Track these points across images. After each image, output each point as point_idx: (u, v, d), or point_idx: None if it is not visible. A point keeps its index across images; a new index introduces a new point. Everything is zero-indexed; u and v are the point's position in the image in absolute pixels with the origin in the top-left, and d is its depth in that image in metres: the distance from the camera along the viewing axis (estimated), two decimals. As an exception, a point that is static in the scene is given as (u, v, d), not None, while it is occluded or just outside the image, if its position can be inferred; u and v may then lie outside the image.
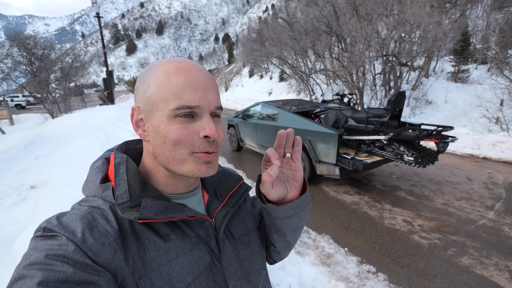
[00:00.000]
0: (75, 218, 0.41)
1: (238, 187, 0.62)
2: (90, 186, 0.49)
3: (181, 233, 0.49)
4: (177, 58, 0.49)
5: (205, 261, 0.50)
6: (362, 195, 3.93)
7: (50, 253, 0.36)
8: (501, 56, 9.44)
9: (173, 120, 0.45)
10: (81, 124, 7.70)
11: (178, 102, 0.44)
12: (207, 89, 0.47)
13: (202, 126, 0.46)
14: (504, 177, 4.32)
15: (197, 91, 0.46)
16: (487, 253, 2.56)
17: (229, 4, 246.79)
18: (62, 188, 3.31)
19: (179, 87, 0.45)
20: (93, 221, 0.42)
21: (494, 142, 5.79)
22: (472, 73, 12.94)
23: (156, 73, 0.46)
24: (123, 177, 0.47)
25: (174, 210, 0.47)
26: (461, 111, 10.01)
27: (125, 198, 0.44)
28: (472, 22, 15.31)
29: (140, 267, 0.43)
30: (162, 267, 0.44)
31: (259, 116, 5.35)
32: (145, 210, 0.43)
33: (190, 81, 0.46)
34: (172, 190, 0.52)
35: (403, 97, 3.73)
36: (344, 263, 2.52)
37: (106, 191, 0.46)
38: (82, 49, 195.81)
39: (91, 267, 0.38)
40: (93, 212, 0.43)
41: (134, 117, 0.50)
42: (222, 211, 0.56)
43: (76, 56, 16.12)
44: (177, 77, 0.45)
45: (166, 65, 0.47)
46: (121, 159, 0.50)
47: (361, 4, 11.71)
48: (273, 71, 24.62)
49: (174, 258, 0.46)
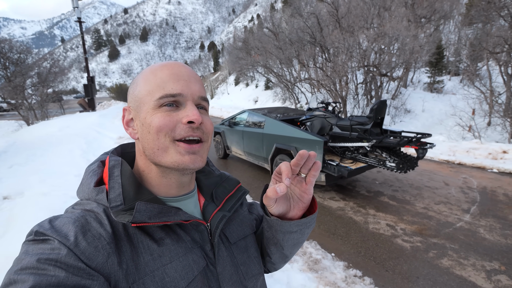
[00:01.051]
0: (67, 221, 0.40)
1: (235, 191, 0.61)
2: (85, 189, 0.48)
3: (175, 237, 0.49)
4: (165, 61, 0.52)
5: (200, 265, 0.49)
6: (347, 201, 4.02)
7: (42, 257, 0.36)
8: (471, 68, 10.06)
9: (158, 109, 0.46)
10: (60, 131, 7.41)
11: (162, 92, 0.46)
12: (190, 80, 0.49)
13: (186, 113, 0.47)
14: (478, 181, 4.57)
15: (179, 81, 0.48)
16: (465, 254, 2.68)
17: (215, 13, 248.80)
18: (40, 198, 3.16)
19: (163, 79, 0.47)
20: (86, 225, 0.41)
21: (468, 149, 6.12)
22: (446, 84, 13.69)
23: (144, 73, 0.50)
24: (117, 180, 0.46)
25: (168, 214, 0.46)
26: (437, 120, 10.52)
27: (119, 201, 0.44)
28: (445, 36, 16.27)
29: (133, 272, 0.42)
30: (155, 272, 0.44)
31: (246, 123, 5.38)
32: (138, 214, 0.43)
33: (173, 73, 0.48)
34: (165, 191, 0.52)
35: (384, 106, 3.89)
36: (331, 268, 2.56)
37: (100, 194, 0.46)
38: (62, 54, 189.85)
39: (84, 271, 0.37)
40: (86, 215, 0.43)
41: (125, 117, 0.52)
42: (217, 215, 0.55)
43: (55, 61, 15.60)
44: (162, 71, 0.48)
45: (153, 65, 0.50)
46: (116, 162, 0.49)
47: (343, 16, 12.18)
48: (259, 80, 24.90)
49: (168, 263, 0.45)
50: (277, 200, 0.54)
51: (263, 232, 0.65)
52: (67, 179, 3.69)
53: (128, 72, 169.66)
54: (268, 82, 21.33)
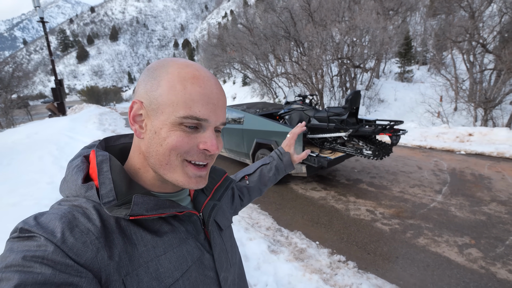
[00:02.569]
0: (54, 217, 0.39)
1: (222, 181, 0.63)
2: (71, 186, 0.46)
3: (169, 228, 0.49)
4: (193, 63, 0.48)
5: (194, 256, 0.50)
6: (329, 190, 4.13)
7: (28, 255, 0.34)
8: (437, 57, 10.60)
9: (177, 127, 0.44)
10: (28, 138, 6.97)
11: (188, 112, 0.43)
12: (218, 105, 0.47)
13: (204, 139, 0.46)
14: (448, 163, 4.85)
15: (209, 104, 0.45)
16: (438, 232, 2.85)
17: (187, 10, 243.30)
18: (10, 209, 2.96)
19: (192, 97, 0.44)
20: (73, 220, 0.40)
21: (438, 133, 6.48)
22: (416, 73, 14.34)
23: (171, 75, 0.45)
24: (107, 175, 0.44)
25: (163, 206, 0.46)
26: (408, 108, 11.03)
27: (111, 196, 0.42)
28: (412, 27, 17.00)
29: (126, 264, 0.42)
30: (150, 263, 0.44)
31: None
32: (136, 207, 0.42)
33: (204, 93, 0.45)
34: (159, 189, 0.51)
35: (358, 96, 4.01)
36: (316, 256, 2.62)
37: (90, 191, 0.44)
38: (25, 57, 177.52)
39: (72, 268, 0.36)
40: (73, 211, 0.41)
41: (133, 110, 0.47)
42: (209, 204, 0.57)
43: (18, 64, 14.62)
44: (192, 86, 0.44)
45: (182, 69, 0.45)
46: (104, 157, 0.47)
47: (315, 10, 12.35)
48: (236, 76, 24.78)
49: (162, 254, 0.45)
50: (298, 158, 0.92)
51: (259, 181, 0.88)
52: (39, 187, 3.49)
53: (99, 74, 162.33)
54: (245, 78, 21.28)
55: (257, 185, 0.87)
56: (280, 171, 0.90)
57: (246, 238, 2.87)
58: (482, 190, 3.73)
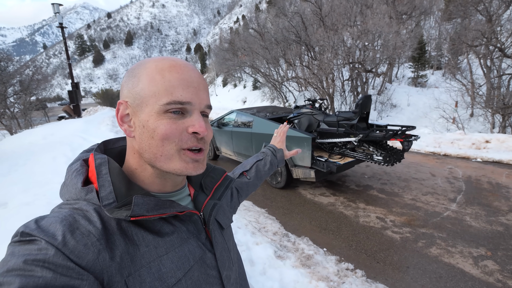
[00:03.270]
0: (55, 221, 0.39)
1: (222, 180, 0.63)
2: (71, 189, 0.46)
3: (170, 228, 0.49)
4: (169, 57, 0.49)
5: (196, 255, 0.50)
6: (338, 196, 4.06)
7: (29, 258, 0.34)
8: (453, 62, 10.34)
9: (163, 115, 0.45)
10: (44, 139, 7.19)
11: (170, 97, 0.44)
12: (199, 88, 0.48)
13: (192, 122, 0.46)
14: (463, 171, 4.69)
15: (189, 88, 0.46)
16: (452, 242, 2.74)
17: (200, 15, 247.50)
18: (23, 208, 3.05)
19: (172, 83, 0.45)
20: (74, 223, 0.40)
21: (452, 140, 6.28)
22: (430, 78, 14.02)
23: (148, 69, 0.46)
24: (107, 178, 0.45)
25: (164, 206, 0.46)
26: (422, 113, 10.77)
27: (111, 198, 0.43)
28: (426, 31, 16.68)
29: (128, 264, 0.42)
30: (152, 263, 0.44)
31: (234, 123, 5.36)
32: (137, 207, 0.43)
33: (183, 78, 0.46)
34: (158, 189, 0.51)
35: (369, 100, 3.94)
36: (324, 263, 2.57)
37: (90, 194, 0.44)
38: (44, 60, 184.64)
39: (74, 270, 0.36)
40: (74, 213, 0.42)
41: (120, 111, 0.48)
42: (209, 203, 0.57)
43: (37, 68, 15.15)
44: (171, 74, 0.45)
45: (159, 62, 0.47)
46: (102, 159, 0.47)
47: (326, 15, 12.31)
48: (247, 80, 24.91)
49: (164, 254, 0.46)
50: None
51: (255, 176, 0.91)
52: (51, 187, 3.58)
53: (113, 77, 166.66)
54: (255, 82, 21.36)
55: (254, 180, 0.92)
56: (273, 165, 0.98)
57: (252, 242, 2.84)
58: (500, 199, 3.58)
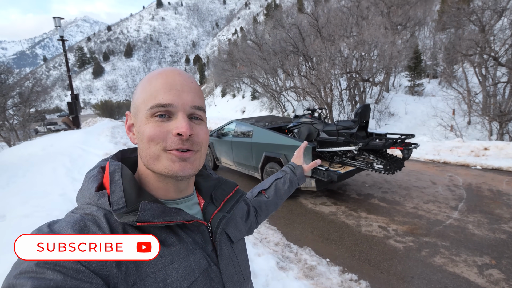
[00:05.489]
0: (66, 225, 0.41)
1: (233, 193, 0.63)
2: (85, 194, 0.48)
3: (176, 238, 0.49)
4: (165, 68, 0.52)
5: (201, 266, 0.50)
6: (339, 205, 4.03)
7: (41, 261, 0.36)
8: (448, 71, 10.49)
9: (150, 119, 0.47)
10: (43, 150, 7.16)
11: (153, 101, 0.47)
12: (183, 90, 0.49)
13: (176, 124, 0.47)
14: (463, 179, 4.69)
15: (171, 90, 0.48)
16: (456, 251, 2.72)
17: (199, 27, 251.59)
18: (22, 220, 3.01)
19: (156, 88, 0.48)
20: (84, 228, 0.41)
21: (451, 147, 6.31)
22: (426, 87, 14.20)
23: (143, 80, 0.51)
24: (119, 183, 0.47)
25: (171, 214, 0.47)
26: (420, 121, 10.85)
27: (121, 204, 0.44)
28: (421, 41, 17.00)
29: (134, 273, 0.42)
30: (157, 273, 0.44)
31: (234, 133, 5.37)
32: (143, 213, 0.43)
33: (166, 82, 0.48)
34: (164, 194, 0.52)
35: (368, 109, 3.98)
36: (327, 274, 2.53)
37: (102, 199, 0.46)
38: (44, 73, 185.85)
39: (84, 274, 0.37)
40: (85, 219, 0.43)
41: (127, 122, 0.53)
42: (218, 215, 0.56)
43: (37, 80, 15.23)
44: (156, 80, 0.48)
45: (152, 72, 0.51)
46: (116, 166, 0.50)
47: (323, 26, 12.55)
48: (245, 90, 25.12)
49: (169, 264, 0.46)
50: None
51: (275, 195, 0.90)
52: (51, 198, 3.55)
53: (113, 89, 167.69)
54: (254, 92, 21.54)
55: (273, 199, 0.90)
56: (293, 183, 0.95)
57: (254, 253, 2.80)
58: (501, 207, 3.57)
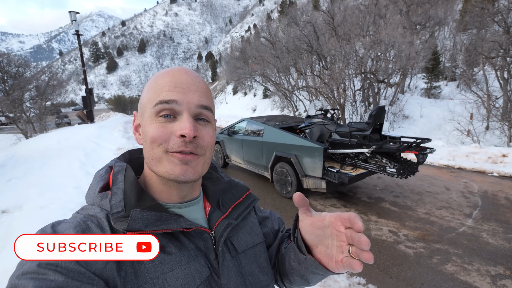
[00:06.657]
0: (69, 226, 0.41)
1: (243, 199, 0.60)
2: (91, 194, 0.49)
3: (178, 244, 0.47)
4: (173, 67, 0.51)
5: (203, 275, 0.47)
6: (349, 207, 4.00)
7: (43, 262, 0.36)
8: (468, 73, 10.16)
9: (154, 119, 0.46)
10: (59, 143, 7.39)
11: (157, 98, 0.46)
12: (189, 88, 0.47)
13: (180, 125, 0.45)
14: (479, 186, 4.56)
15: (176, 88, 0.46)
16: (469, 259, 2.65)
17: (212, 24, 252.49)
18: (38, 212, 3.12)
19: (161, 86, 0.47)
20: (87, 230, 0.42)
21: (467, 153, 6.13)
22: (443, 89, 13.80)
23: (150, 80, 0.50)
24: (120, 186, 0.47)
25: (168, 222, 0.45)
26: (435, 125, 10.57)
27: (120, 207, 0.44)
28: (440, 42, 16.51)
29: (132, 279, 0.41)
30: (156, 280, 0.43)
31: (245, 132, 5.38)
32: (133, 222, 0.42)
33: (171, 80, 0.47)
34: (167, 198, 0.51)
35: (383, 112, 3.91)
36: (335, 277, 2.51)
37: (104, 200, 0.46)
38: (60, 67, 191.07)
39: (85, 275, 0.37)
40: (88, 220, 0.43)
41: (134, 122, 0.52)
42: (223, 223, 0.53)
43: (53, 74, 15.63)
44: (163, 78, 0.47)
45: (159, 71, 0.50)
46: (120, 167, 0.50)
47: (339, 24, 12.36)
48: (257, 88, 25.08)
49: (170, 271, 0.44)
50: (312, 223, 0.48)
51: (284, 257, 0.61)
52: (66, 191, 3.67)
53: (126, 84, 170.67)
54: (266, 90, 21.48)
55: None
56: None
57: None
58: (519, 216, 3.45)
